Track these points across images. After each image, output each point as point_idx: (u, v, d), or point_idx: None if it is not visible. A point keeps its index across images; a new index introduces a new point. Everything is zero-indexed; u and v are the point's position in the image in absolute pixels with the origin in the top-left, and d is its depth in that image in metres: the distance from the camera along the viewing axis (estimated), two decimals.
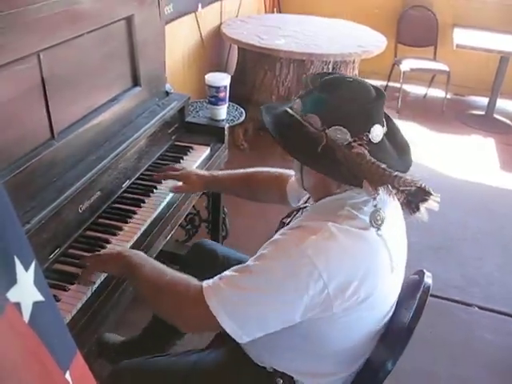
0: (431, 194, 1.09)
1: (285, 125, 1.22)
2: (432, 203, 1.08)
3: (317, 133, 1.15)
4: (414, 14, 5.22)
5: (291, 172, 1.66)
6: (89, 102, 1.70)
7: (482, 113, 5.07)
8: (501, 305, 2.73)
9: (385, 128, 1.19)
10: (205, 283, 1.17)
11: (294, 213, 1.42)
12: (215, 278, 1.17)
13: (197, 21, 3.81)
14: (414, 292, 1.29)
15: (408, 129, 4.62)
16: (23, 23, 1.32)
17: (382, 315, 1.25)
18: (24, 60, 1.37)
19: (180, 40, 3.61)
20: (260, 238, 1.38)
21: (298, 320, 1.13)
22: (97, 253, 1.46)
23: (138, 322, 2.09)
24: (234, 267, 1.18)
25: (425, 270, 1.34)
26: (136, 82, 1.95)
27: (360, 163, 1.11)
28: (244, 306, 1.12)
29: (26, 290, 0.61)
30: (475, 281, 2.90)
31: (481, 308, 2.71)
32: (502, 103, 5.09)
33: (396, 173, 1.10)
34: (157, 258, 1.68)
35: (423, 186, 1.09)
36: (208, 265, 1.76)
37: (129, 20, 1.84)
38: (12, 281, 0.59)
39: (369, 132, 1.14)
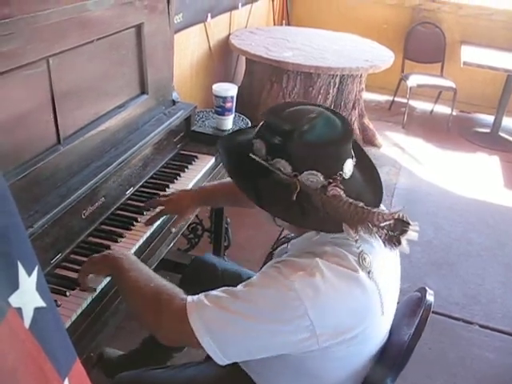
0: (409, 224, 1.05)
1: (249, 171, 1.15)
2: (411, 233, 1.05)
3: (288, 179, 1.10)
4: (422, 31, 5.24)
5: None
6: (96, 108, 1.70)
7: (488, 130, 5.07)
8: (502, 323, 2.71)
9: (354, 159, 1.16)
10: (189, 298, 1.13)
11: (282, 245, 1.36)
12: (200, 294, 1.13)
13: (206, 31, 3.83)
14: (415, 309, 1.28)
15: (413, 144, 4.62)
16: (33, 29, 1.32)
17: (375, 346, 1.23)
18: (33, 65, 1.38)
19: (188, 49, 3.63)
20: (262, 248, 1.39)
21: (282, 352, 1.10)
22: (91, 256, 1.45)
23: (137, 331, 2.09)
24: (222, 288, 1.14)
25: (427, 288, 1.34)
26: (143, 89, 1.96)
27: (337, 206, 1.07)
28: (226, 328, 1.08)
29: (28, 295, 0.61)
30: (476, 298, 2.88)
31: (481, 326, 2.69)
32: (507, 121, 5.10)
33: (375, 209, 1.06)
34: (158, 266, 1.69)
35: (401, 216, 1.05)
36: (207, 281, 1.76)
37: (138, 28, 1.85)
38: (14, 286, 0.59)
39: (342, 170, 1.11)
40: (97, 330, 1.36)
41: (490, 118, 5.10)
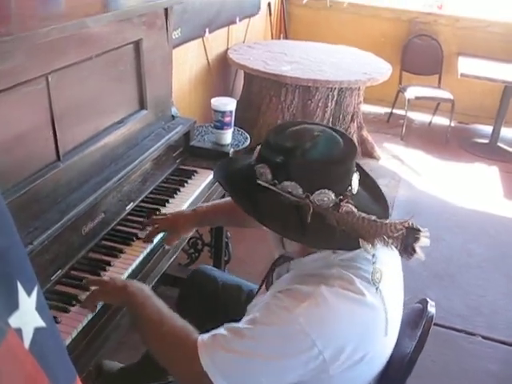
0: (420, 231, 1.05)
1: (256, 196, 1.13)
2: (424, 240, 1.05)
3: (300, 201, 1.09)
4: (419, 43, 5.27)
5: None
6: (95, 124, 1.71)
7: (486, 141, 5.08)
8: (505, 335, 2.70)
9: (358, 173, 1.16)
10: (199, 340, 1.12)
11: (284, 263, 1.33)
12: (209, 335, 1.13)
13: (204, 46, 3.85)
14: (417, 321, 1.28)
15: (412, 156, 4.63)
16: (32, 46, 1.33)
17: (381, 365, 1.22)
18: (32, 82, 1.38)
19: (187, 64, 3.65)
20: (262, 261, 1.37)
21: (294, 382, 1.10)
22: (102, 279, 1.44)
23: (138, 345, 2.07)
24: (228, 325, 1.14)
25: (428, 299, 1.33)
26: (142, 105, 1.96)
27: (352, 222, 1.06)
28: (237, 369, 1.08)
29: (28, 315, 0.61)
30: (478, 310, 2.87)
31: (484, 338, 2.68)
32: (506, 132, 5.11)
33: (386, 221, 1.06)
34: (159, 281, 1.69)
35: (411, 224, 1.06)
36: (207, 293, 1.75)
37: (137, 44, 1.86)
38: (14, 306, 0.58)
39: (350, 186, 1.11)
40: (98, 346, 1.35)
41: (489, 129, 5.11)
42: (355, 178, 1.13)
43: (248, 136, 3.05)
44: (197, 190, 2.03)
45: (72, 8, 1.75)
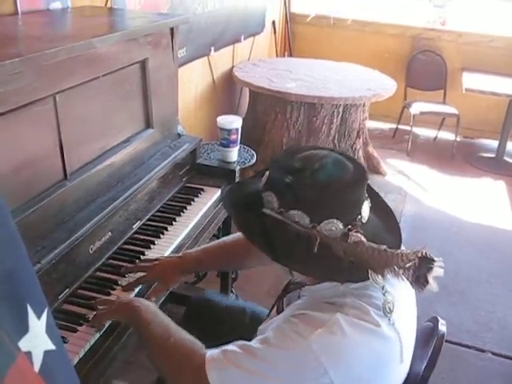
0: (434, 261, 1.02)
1: (261, 225, 1.10)
2: (437, 270, 1.02)
3: (306, 231, 1.05)
4: (423, 59, 5.29)
5: None
6: (102, 143, 1.71)
7: (492, 155, 5.08)
8: None
9: (369, 200, 1.12)
10: (208, 355, 1.11)
11: (297, 290, 1.30)
12: (219, 350, 1.12)
13: (209, 64, 3.87)
14: (428, 340, 1.26)
15: (418, 171, 4.62)
16: (41, 67, 1.34)
17: None
18: (40, 102, 1.39)
19: (192, 83, 3.67)
20: (269, 281, 1.37)
21: None
22: (109, 298, 1.44)
23: (146, 364, 2.06)
24: (238, 342, 1.13)
25: (439, 318, 1.32)
26: (149, 123, 1.97)
27: (361, 252, 1.03)
28: None
29: (38, 338, 0.61)
30: (488, 325, 2.85)
31: (494, 354, 2.65)
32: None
33: (398, 251, 1.03)
34: (166, 299, 1.68)
35: (424, 253, 1.02)
36: (211, 317, 1.74)
37: (143, 63, 1.88)
38: (24, 329, 0.58)
39: (360, 214, 1.08)
40: (105, 366, 1.35)
41: (495, 143, 5.11)
42: (366, 206, 1.10)
43: (254, 153, 3.06)
44: (203, 207, 2.03)
45: (79, 29, 1.77)
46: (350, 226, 1.06)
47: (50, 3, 1.99)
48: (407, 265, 1.01)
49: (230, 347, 1.12)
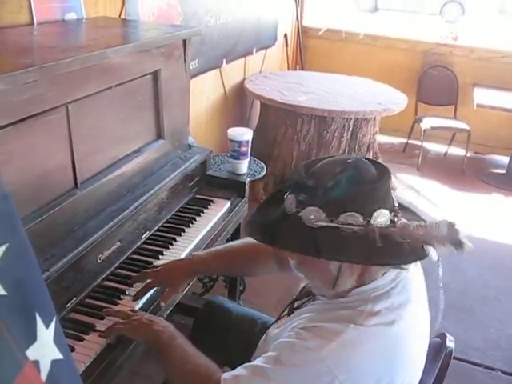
0: (454, 224, 1.08)
1: (316, 240, 1.08)
2: (463, 229, 1.07)
3: (363, 229, 1.07)
4: (435, 74, 5.29)
5: None
6: (113, 152, 1.72)
7: (503, 171, 5.05)
8: None
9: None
10: (222, 380, 1.13)
11: (308, 297, 1.32)
12: (231, 376, 1.13)
13: (221, 76, 3.89)
14: (435, 356, 1.26)
15: (428, 186, 4.60)
16: (54, 76, 1.36)
17: None
18: (53, 111, 1.41)
19: (204, 94, 3.69)
20: (277, 292, 1.36)
21: None
22: (129, 312, 1.42)
23: (152, 375, 2.06)
24: (250, 366, 1.13)
25: (447, 334, 1.31)
26: (160, 134, 1.98)
27: (413, 232, 1.07)
28: None
29: (46, 347, 0.61)
30: (497, 343, 2.81)
31: (504, 373, 2.62)
32: None
33: (433, 222, 1.07)
34: (173, 310, 1.67)
35: (449, 221, 1.08)
36: (220, 324, 1.73)
37: (155, 74, 1.89)
38: (32, 338, 0.58)
39: (394, 200, 1.14)
40: (111, 376, 1.34)
41: (505, 159, 5.08)
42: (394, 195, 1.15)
43: (264, 166, 3.07)
44: (213, 219, 2.03)
45: (93, 40, 1.79)
46: (393, 213, 1.10)
47: (65, 14, 2.01)
48: (453, 228, 1.06)
49: (243, 372, 1.12)
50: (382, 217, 1.08)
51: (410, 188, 4.45)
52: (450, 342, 1.27)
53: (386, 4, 5.85)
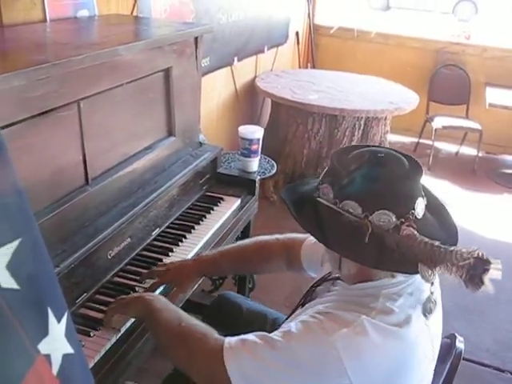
0: (491, 263, 0.99)
1: (316, 214, 1.13)
2: (494, 272, 1.00)
3: (358, 221, 1.07)
4: (447, 73, 5.26)
5: (297, 235, 1.61)
6: (124, 149, 1.73)
7: None
8: None
9: (425, 198, 1.13)
10: (227, 342, 1.12)
11: (326, 283, 1.32)
12: (237, 339, 1.13)
13: (232, 74, 3.89)
14: (444, 356, 1.25)
15: (439, 186, 4.58)
16: (67, 73, 1.36)
17: None
18: (65, 108, 1.41)
19: (215, 92, 3.69)
20: (287, 290, 1.36)
21: None
22: (120, 297, 1.45)
23: (160, 371, 2.06)
24: (259, 333, 1.13)
25: (457, 334, 1.30)
26: (171, 131, 1.99)
27: (413, 245, 1.03)
28: (262, 378, 1.07)
29: (57, 341, 0.61)
30: (508, 345, 2.79)
31: None
32: None
33: (452, 248, 1.01)
34: (182, 307, 1.68)
35: (481, 254, 0.99)
36: (231, 319, 1.74)
37: (167, 72, 1.89)
38: (44, 332, 0.59)
39: (414, 209, 1.08)
40: (120, 371, 1.35)
41: None
42: (420, 203, 1.10)
43: (274, 164, 3.06)
44: (223, 216, 2.03)
45: (105, 37, 1.79)
46: (402, 219, 1.06)
47: (77, 11, 2.02)
48: (461, 263, 0.99)
49: (250, 337, 1.12)
50: (384, 217, 1.06)
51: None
52: (460, 343, 1.27)
53: (398, 2, 5.82)
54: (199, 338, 1.18)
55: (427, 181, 1.21)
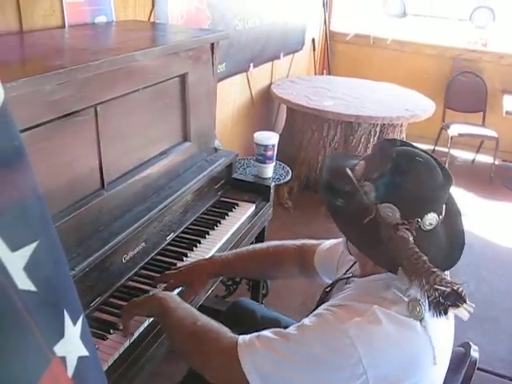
0: (465, 302, 0.98)
1: (338, 186, 1.18)
2: (462, 311, 0.98)
3: (367, 204, 1.10)
4: (463, 80, 5.23)
5: (311, 241, 1.62)
6: (139, 154, 1.74)
7: None
8: None
9: (441, 216, 1.14)
10: (241, 339, 1.14)
11: (340, 282, 1.34)
12: (251, 335, 1.14)
13: (248, 80, 3.91)
14: (458, 366, 1.23)
15: (455, 194, 4.53)
16: (84, 78, 1.38)
17: None
18: (82, 112, 1.43)
19: (230, 98, 3.70)
20: (300, 297, 1.36)
21: None
22: (133, 299, 1.46)
23: (173, 376, 2.06)
24: (273, 329, 1.15)
25: (471, 343, 1.29)
26: (186, 137, 2.00)
27: (401, 248, 1.05)
28: (277, 372, 1.08)
29: (72, 344, 0.62)
30: None
31: None
32: None
33: (436, 269, 1.02)
34: None
35: (460, 290, 0.99)
36: (245, 325, 1.73)
37: (183, 77, 1.90)
38: (60, 334, 0.59)
39: (421, 219, 1.09)
40: (133, 375, 1.35)
41: None
42: (432, 218, 1.11)
43: (289, 170, 3.07)
44: (237, 222, 2.04)
45: (122, 42, 1.81)
46: (405, 221, 1.07)
47: (95, 17, 2.04)
48: (436, 286, 0.99)
49: (264, 332, 1.14)
50: (389, 211, 1.08)
51: None
52: (475, 352, 1.25)
53: (415, 9, 5.80)
54: (214, 336, 1.19)
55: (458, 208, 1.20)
